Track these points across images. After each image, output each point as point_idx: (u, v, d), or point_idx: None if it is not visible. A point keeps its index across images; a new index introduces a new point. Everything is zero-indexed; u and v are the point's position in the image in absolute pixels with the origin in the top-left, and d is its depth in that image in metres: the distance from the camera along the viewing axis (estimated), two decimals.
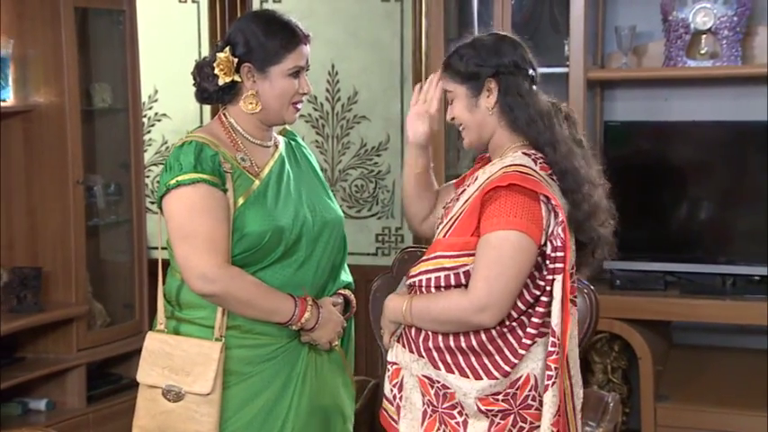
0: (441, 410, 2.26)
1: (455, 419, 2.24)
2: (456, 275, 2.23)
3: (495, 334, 2.21)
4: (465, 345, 2.21)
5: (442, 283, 2.24)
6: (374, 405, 2.82)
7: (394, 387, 2.34)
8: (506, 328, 2.21)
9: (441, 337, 2.24)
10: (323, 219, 2.48)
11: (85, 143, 4.20)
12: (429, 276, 2.26)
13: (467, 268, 2.21)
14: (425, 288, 2.27)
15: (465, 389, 2.21)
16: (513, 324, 2.22)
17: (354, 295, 2.59)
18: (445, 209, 2.39)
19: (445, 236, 2.28)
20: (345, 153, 4.99)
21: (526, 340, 2.21)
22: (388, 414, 2.37)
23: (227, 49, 2.40)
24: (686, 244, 4.19)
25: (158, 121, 5.22)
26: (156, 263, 2.47)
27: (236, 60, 2.39)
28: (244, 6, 4.94)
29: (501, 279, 2.15)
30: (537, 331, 2.21)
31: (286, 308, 2.37)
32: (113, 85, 4.41)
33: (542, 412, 2.19)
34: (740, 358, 4.22)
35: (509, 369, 2.20)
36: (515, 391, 2.22)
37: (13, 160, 4.12)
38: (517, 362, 2.20)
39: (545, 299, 2.20)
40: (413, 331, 2.29)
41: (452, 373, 2.23)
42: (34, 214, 4.11)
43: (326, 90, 4.97)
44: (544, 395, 2.19)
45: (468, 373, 2.21)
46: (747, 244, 4.05)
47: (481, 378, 2.21)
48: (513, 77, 2.27)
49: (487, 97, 2.28)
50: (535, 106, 2.27)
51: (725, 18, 4.04)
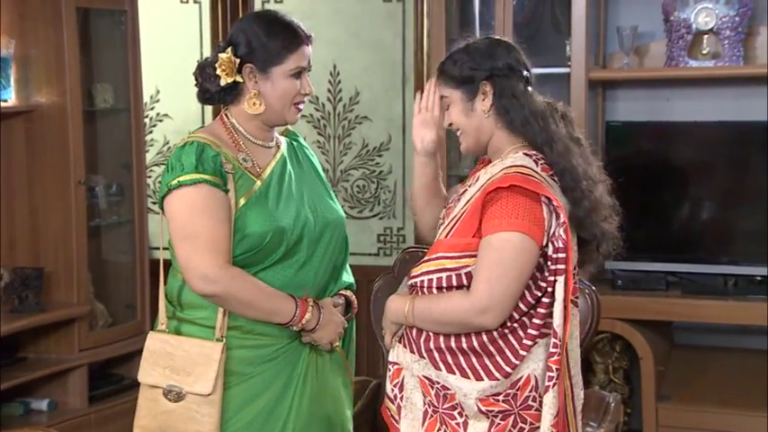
0: (441, 411, 2.26)
1: (455, 420, 2.24)
2: (458, 276, 2.22)
3: (496, 335, 2.20)
4: (466, 345, 2.21)
5: (443, 284, 2.24)
6: (375, 405, 2.83)
7: (395, 387, 2.34)
8: (508, 329, 2.21)
9: (442, 338, 2.24)
10: (324, 219, 2.48)
11: (87, 143, 4.20)
12: (431, 277, 2.26)
13: (468, 269, 2.21)
14: (427, 289, 2.27)
15: (465, 389, 2.21)
16: (515, 325, 2.21)
17: (356, 295, 2.59)
18: (446, 209, 2.39)
19: (447, 237, 2.27)
20: (347, 153, 4.99)
21: (527, 341, 2.20)
22: (389, 412, 2.37)
23: (228, 49, 2.39)
24: (688, 244, 4.18)
25: (160, 121, 5.22)
26: (158, 263, 2.48)
27: (237, 61, 2.39)
28: (245, 7, 4.94)
29: (502, 281, 2.15)
30: (538, 332, 2.20)
31: (287, 309, 2.37)
32: (115, 85, 4.41)
33: (542, 413, 2.19)
34: (742, 359, 4.22)
35: (510, 370, 2.20)
36: (516, 391, 2.21)
37: (14, 160, 4.12)
38: (518, 363, 2.20)
39: (546, 300, 2.20)
40: (414, 332, 2.29)
41: (453, 374, 2.23)
42: (36, 214, 4.11)
43: (328, 90, 4.97)
44: (544, 396, 2.18)
45: (469, 374, 2.21)
46: (749, 244, 4.05)
47: (482, 379, 2.20)
48: (507, 80, 2.27)
49: (483, 100, 2.28)
50: (530, 107, 2.26)
51: (727, 18, 4.03)
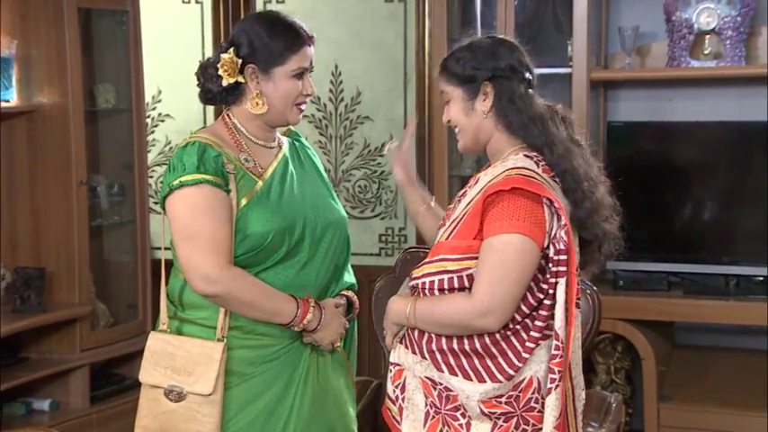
0: (444, 412, 2.25)
1: (458, 421, 2.23)
2: (459, 278, 2.22)
3: (498, 337, 2.20)
4: (468, 347, 2.21)
5: (445, 286, 2.23)
6: (377, 405, 2.82)
7: (396, 388, 2.34)
8: (510, 331, 2.20)
9: (444, 340, 2.23)
10: (326, 219, 2.48)
11: (89, 144, 4.20)
12: (432, 279, 2.25)
13: (470, 271, 2.20)
14: (428, 291, 2.27)
15: (468, 391, 2.21)
16: (517, 327, 2.21)
17: (357, 296, 2.58)
18: (447, 211, 2.38)
19: (447, 239, 2.27)
20: (349, 153, 4.99)
21: (530, 344, 2.20)
22: (391, 414, 2.37)
23: (231, 50, 2.39)
24: (689, 244, 4.18)
25: (162, 121, 5.23)
26: (160, 263, 2.48)
27: (239, 61, 2.39)
28: (247, 7, 4.94)
29: (504, 283, 2.14)
30: (540, 334, 2.20)
31: (288, 309, 2.37)
32: (117, 85, 4.42)
33: (545, 415, 2.18)
34: (743, 359, 4.22)
35: (513, 372, 2.19)
36: (518, 393, 2.21)
37: (16, 160, 4.12)
38: (521, 365, 2.19)
39: (548, 302, 2.19)
40: (416, 333, 2.29)
41: (456, 376, 2.22)
42: (38, 214, 4.12)
43: (330, 90, 4.97)
44: (547, 398, 2.18)
45: (472, 376, 2.21)
46: (751, 244, 4.05)
47: (485, 381, 2.20)
48: (508, 81, 2.26)
49: (483, 101, 2.27)
50: (529, 110, 2.26)
51: (728, 18, 4.03)
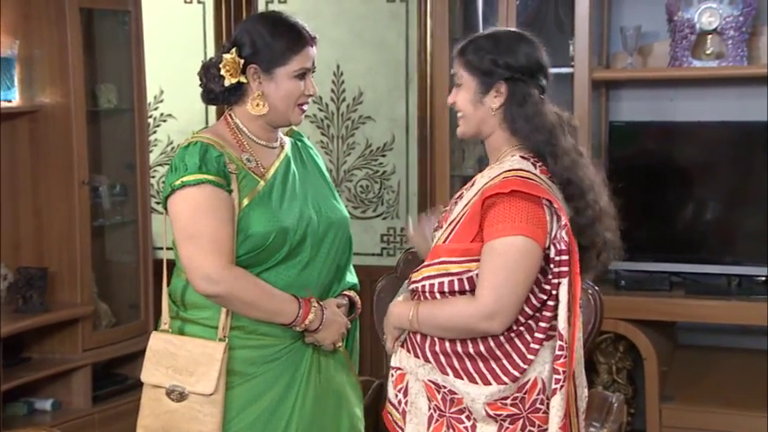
0: (448, 415, 2.24)
1: (463, 424, 2.22)
2: (460, 281, 2.21)
3: (502, 339, 2.19)
4: (473, 350, 2.20)
5: (445, 289, 2.22)
6: (378, 405, 2.82)
7: (399, 392, 2.32)
8: (514, 332, 2.19)
9: (447, 343, 2.22)
10: (328, 219, 2.48)
11: (91, 144, 4.20)
12: (432, 282, 2.24)
13: (470, 274, 2.19)
14: (429, 293, 2.25)
15: (473, 394, 2.20)
16: (521, 329, 2.20)
17: (359, 296, 2.58)
18: (443, 213, 2.37)
19: (445, 242, 2.25)
20: (350, 153, 4.99)
21: (534, 345, 2.19)
22: (392, 418, 2.36)
23: (233, 50, 2.39)
24: (691, 244, 4.18)
25: (164, 121, 5.23)
26: (162, 263, 2.48)
27: (242, 61, 2.39)
28: (249, 7, 4.94)
29: (508, 285, 2.13)
30: (544, 335, 2.19)
31: (290, 309, 2.37)
32: (119, 85, 4.42)
33: (550, 416, 2.17)
34: (745, 359, 4.21)
35: (518, 374, 2.18)
36: (523, 395, 2.20)
37: (18, 161, 4.12)
38: (526, 367, 2.18)
39: (551, 303, 2.19)
40: (418, 336, 2.27)
41: (461, 379, 2.21)
42: (40, 215, 4.12)
43: (332, 90, 4.97)
44: (552, 399, 2.17)
45: (477, 379, 2.20)
46: (753, 244, 4.04)
47: (490, 383, 2.19)
48: (523, 85, 2.23)
49: (494, 97, 2.24)
50: (539, 117, 2.23)
51: (730, 18, 4.03)
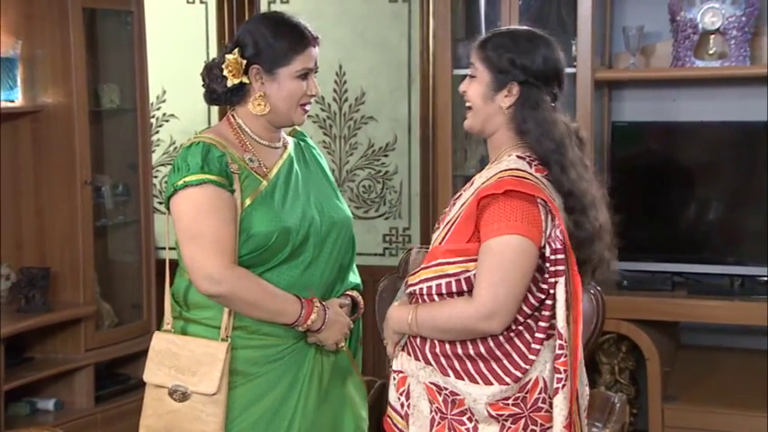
0: (450, 417, 2.23)
1: (464, 425, 2.22)
2: (458, 282, 2.21)
3: (502, 339, 2.19)
4: (473, 351, 2.19)
5: (443, 290, 2.22)
6: (380, 405, 2.82)
7: (401, 395, 2.32)
8: (513, 332, 2.19)
9: (448, 345, 2.22)
10: (331, 219, 2.48)
11: (93, 144, 4.20)
12: (430, 284, 2.24)
13: (468, 274, 2.19)
14: (427, 296, 2.25)
15: (475, 395, 2.19)
16: (520, 328, 2.20)
17: (362, 296, 2.58)
18: (442, 214, 2.37)
19: (441, 243, 2.25)
20: (353, 154, 4.99)
21: (535, 345, 2.19)
22: (392, 422, 2.35)
23: (235, 50, 2.40)
24: (694, 244, 4.17)
25: (166, 121, 5.23)
26: (164, 263, 2.48)
27: (244, 62, 2.39)
28: (252, 7, 4.95)
29: (505, 284, 2.13)
30: (544, 335, 2.19)
31: (292, 309, 2.37)
32: (121, 85, 4.42)
33: (553, 415, 2.17)
34: (748, 359, 4.21)
35: (520, 374, 2.18)
36: (525, 394, 2.19)
37: (21, 161, 4.13)
38: (528, 367, 2.18)
39: (549, 302, 2.18)
40: (418, 339, 2.27)
41: (462, 380, 2.21)
42: (42, 215, 4.12)
43: (334, 90, 4.97)
44: (554, 398, 2.17)
45: (478, 380, 2.20)
46: (755, 244, 4.04)
47: (491, 384, 2.19)
48: (537, 90, 2.22)
49: (505, 97, 2.24)
50: (550, 124, 2.21)
51: (733, 18, 4.03)
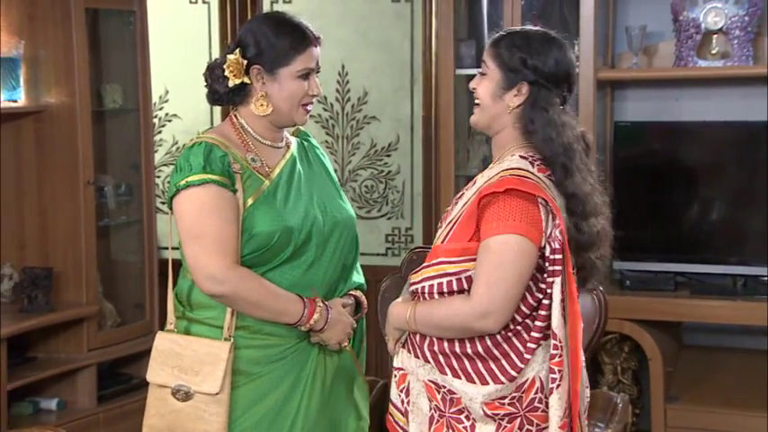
0: (448, 415, 2.24)
1: (462, 424, 2.23)
2: (458, 281, 2.21)
3: (499, 339, 2.19)
4: (471, 350, 2.20)
5: (444, 289, 2.23)
6: (383, 405, 2.82)
7: (401, 392, 2.33)
8: (511, 332, 2.20)
9: (446, 343, 2.23)
10: (333, 219, 2.48)
11: (96, 144, 4.21)
12: (432, 283, 2.25)
13: (468, 273, 2.19)
14: (428, 294, 2.26)
15: (471, 394, 2.20)
16: (518, 328, 2.20)
17: (366, 296, 2.58)
18: (444, 213, 2.37)
19: (443, 242, 2.26)
20: (355, 153, 4.99)
21: (531, 344, 2.19)
22: (393, 419, 2.36)
23: (236, 50, 2.40)
24: (697, 244, 4.17)
25: (169, 121, 5.23)
26: (167, 263, 2.48)
27: (245, 62, 2.39)
28: (254, 7, 4.95)
29: (502, 284, 2.13)
30: (541, 334, 2.19)
31: (295, 309, 2.37)
32: (124, 85, 4.42)
33: (549, 415, 2.18)
34: (750, 359, 4.21)
35: (515, 374, 2.19)
36: (521, 394, 2.20)
37: (24, 161, 4.13)
38: (523, 366, 2.19)
39: (547, 302, 2.18)
40: (418, 337, 2.28)
41: (459, 378, 2.21)
42: (45, 214, 4.12)
43: (336, 90, 4.97)
44: (550, 398, 2.17)
45: (475, 378, 2.20)
46: (758, 245, 4.03)
47: (487, 383, 2.19)
48: (547, 92, 2.22)
49: (514, 96, 2.24)
50: (558, 127, 2.21)
51: (736, 18, 4.02)
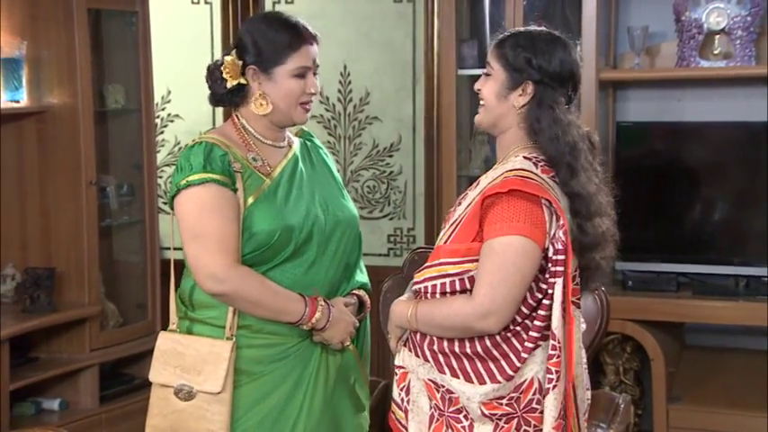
0: (447, 415, 2.25)
1: (461, 423, 2.23)
2: (461, 281, 2.21)
3: (499, 339, 2.19)
4: (470, 350, 2.20)
5: (447, 290, 2.23)
6: (384, 405, 2.82)
7: (401, 391, 2.33)
8: (510, 332, 2.20)
9: (446, 342, 2.23)
10: (335, 218, 2.49)
11: (98, 144, 4.21)
12: (434, 283, 2.25)
13: (470, 273, 2.20)
14: (431, 294, 2.26)
15: (468, 393, 2.20)
16: (518, 328, 2.20)
17: (369, 296, 2.58)
18: (447, 214, 2.37)
19: (446, 242, 2.26)
20: (357, 154, 4.99)
21: (529, 344, 2.19)
22: (396, 418, 2.36)
23: (233, 52, 2.42)
24: (699, 245, 4.17)
25: (171, 121, 5.23)
26: (169, 263, 2.49)
27: (240, 63, 2.41)
28: (256, 7, 4.95)
29: (504, 285, 2.13)
30: (540, 335, 2.19)
31: (296, 308, 2.37)
32: (126, 86, 4.42)
33: (544, 415, 2.18)
34: (753, 360, 4.20)
35: (512, 373, 2.18)
36: (519, 394, 2.20)
37: (26, 161, 4.13)
38: (520, 366, 2.19)
39: (547, 302, 2.18)
40: (418, 336, 2.28)
41: (457, 378, 2.22)
42: (47, 215, 4.13)
43: (338, 91, 4.97)
44: (545, 398, 2.17)
45: (473, 378, 2.20)
46: (760, 245, 4.03)
47: (485, 382, 2.19)
48: (552, 91, 2.22)
49: (519, 96, 2.24)
50: (564, 126, 2.20)
51: (738, 18, 4.02)
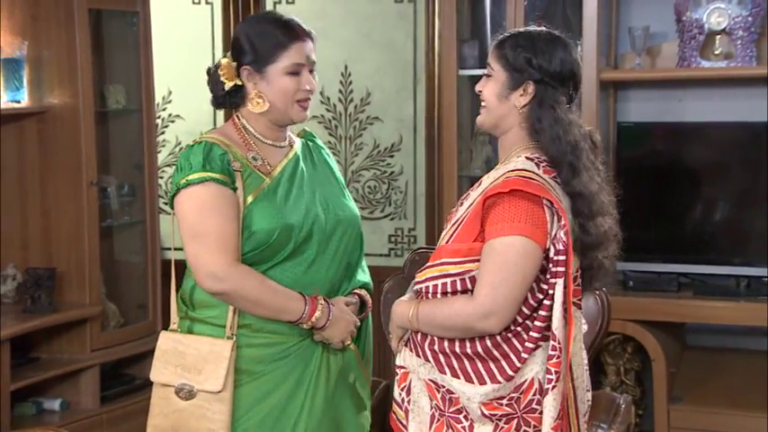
0: (447, 415, 2.25)
1: (461, 424, 2.23)
2: (462, 281, 2.21)
3: (499, 339, 2.19)
4: (470, 350, 2.20)
5: (448, 290, 2.23)
6: (385, 406, 2.83)
7: (402, 391, 2.33)
8: (511, 333, 2.20)
9: (446, 342, 2.23)
10: (336, 217, 2.49)
11: (99, 144, 4.21)
12: (435, 283, 2.25)
13: (472, 274, 2.20)
14: (432, 294, 2.26)
15: (468, 393, 2.20)
16: (518, 329, 2.20)
17: (370, 295, 2.58)
18: (449, 214, 2.37)
19: (448, 242, 2.26)
20: (358, 154, 4.99)
21: (529, 344, 2.19)
22: (396, 417, 2.36)
23: (229, 53, 2.44)
24: (700, 245, 4.17)
25: (172, 122, 5.23)
26: (170, 263, 2.49)
27: (235, 64, 2.42)
28: (257, 7, 4.94)
29: (505, 285, 2.13)
30: (540, 335, 2.19)
31: (296, 306, 2.37)
32: (127, 86, 4.42)
33: (543, 416, 2.17)
34: (754, 360, 4.20)
35: (512, 373, 2.18)
36: (519, 395, 2.20)
37: (27, 161, 4.13)
38: (520, 366, 2.18)
39: (548, 302, 2.18)
40: (419, 336, 2.28)
41: (457, 378, 2.22)
42: (48, 215, 4.13)
43: (339, 91, 4.97)
44: (544, 399, 2.17)
45: (473, 378, 2.20)
46: (762, 245, 4.03)
47: (485, 383, 2.19)
48: (553, 91, 2.22)
49: (520, 96, 2.24)
50: (565, 125, 2.20)
51: (739, 18, 4.02)
